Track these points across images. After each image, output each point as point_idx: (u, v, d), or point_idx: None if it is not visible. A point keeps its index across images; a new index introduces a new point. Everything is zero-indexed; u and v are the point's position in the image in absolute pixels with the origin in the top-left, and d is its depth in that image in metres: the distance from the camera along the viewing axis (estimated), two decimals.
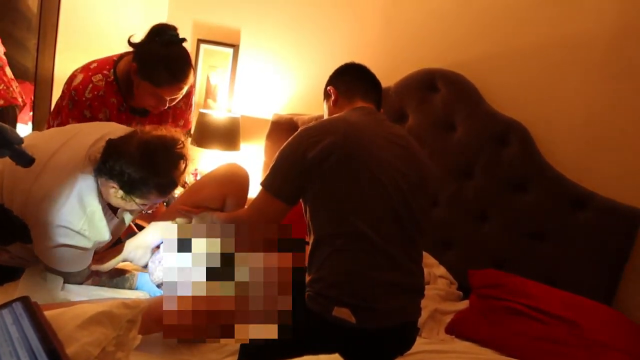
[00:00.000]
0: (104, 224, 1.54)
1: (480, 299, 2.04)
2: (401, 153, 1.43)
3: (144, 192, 1.46)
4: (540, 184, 2.13)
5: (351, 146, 1.34)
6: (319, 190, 1.35)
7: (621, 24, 2.02)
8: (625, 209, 2.00)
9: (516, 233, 2.17)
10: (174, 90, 1.79)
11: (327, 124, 1.41)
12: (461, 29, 2.30)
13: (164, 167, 1.46)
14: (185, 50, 1.83)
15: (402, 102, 2.35)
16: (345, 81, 1.61)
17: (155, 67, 1.74)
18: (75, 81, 1.82)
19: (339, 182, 1.33)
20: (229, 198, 1.71)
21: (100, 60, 1.88)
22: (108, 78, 1.82)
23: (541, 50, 2.16)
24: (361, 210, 1.32)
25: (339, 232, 1.33)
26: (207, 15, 2.89)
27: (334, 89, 1.60)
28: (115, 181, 1.44)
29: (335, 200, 1.34)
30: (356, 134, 1.37)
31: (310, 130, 1.38)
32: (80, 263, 1.55)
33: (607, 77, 2.06)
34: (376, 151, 1.37)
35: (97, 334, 0.85)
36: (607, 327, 1.84)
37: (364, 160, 1.34)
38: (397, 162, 1.40)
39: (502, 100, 2.22)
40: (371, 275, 1.31)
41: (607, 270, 2.04)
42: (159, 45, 1.74)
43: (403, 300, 1.38)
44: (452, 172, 2.27)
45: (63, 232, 1.44)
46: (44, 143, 1.50)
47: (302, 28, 2.66)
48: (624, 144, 2.05)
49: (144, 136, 1.47)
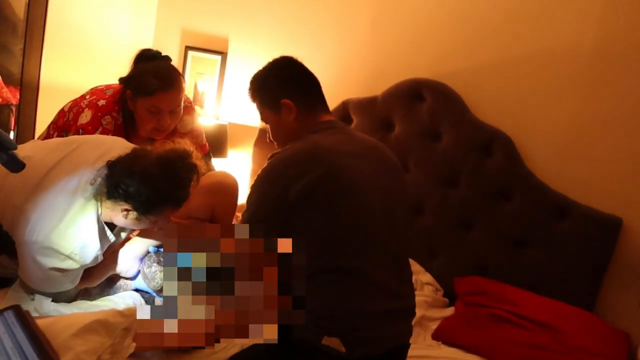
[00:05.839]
0: (98, 247, 1.46)
1: (466, 305, 2.07)
2: (380, 167, 1.37)
3: (162, 208, 1.41)
4: (524, 193, 2.16)
5: (337, 179, 1.25)
6: (303, 225, 1.26)
7: (602, 36, 2.07)
8: (606, 217, 2.05)
9: (500, 241, 2.20)
10: (168, 98, 1.78)
11: (306, 154, 1.28)
12: (447, 40, 2.34)
13: (186, 178, 1.42)
14: (172, 65, 1.85)
15: (389, 111, 2.38)
16: (300, 91, 1.44)
17: (144, 79, 1.75)
18: (82, 118, 1.78)
19: (326, 216, 1.25)
20: (217, 208, 1.69)
21: (108, 96, 1.85)
22: (117, 121, 1.82)
23: (525, 61, 2.20)
24: (349, 241, 1.26)
25: (326, 265, 1.25)
26: (195, 22, 2.90)
27: (291, 102, 1.42)
28: (130, 203, 1.37)
29: (321, 234, 1.25)
30: (339, 162, 1.28)
31: (289, 164, 1.27)
32: (67, 285, 1.47)
33: (589, 88, 2.11)
34: (359, 175, 1.30)
35: (93, 343, 0.85)
36: (588, 333, 1.89)
37: (351, 190, 1.27)
38: (379, 179, 1.34)
39: (487, 110, 2.26)
40: (361, 305, 1.25)
41: (589, 277, 2.08)
42: (144, 63, 1.79)
43: (395, 326, 1.33)
44: (437, 180, 2.29)
45: (52, 254, 1.37)
46: (42, 156, 1.44)
47: (289, 36, 2.68)
48: (606, 154, 2.09)
49: (159, 152, 1.42)
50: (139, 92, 1.77)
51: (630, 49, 2.03)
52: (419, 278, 2.24)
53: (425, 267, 2.30)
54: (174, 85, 1.78)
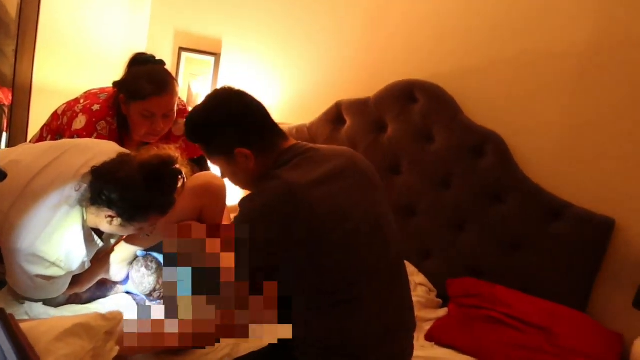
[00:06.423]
0: (84, 254, 1.45)
1: (459, 307, 2.07)
2: (356, 182, 1.30)
3: (146, 214, 1.40)
4: (517, 194, 2.16)
5: (322, 219, 1.17)
6: (295, 266, 1.19)
7: (595, 37, 2.07)
8: (598, 218, 2.05)
9: (493, 242, 2.20)
10: (162, 102, 1.77)
11: (280, 204, 1.17)
12: (440, 42, 2.34)
13: (169, 185, 1.41)
14: (166, 69, 1.85)
15: (382, 113, 2.38)
16: (254, 133, 1.28)
17: (138, 83, 1.76)
18: (77, 124, 1.78)
19: (317, 256, 1.18)
20: (205, 210, 1.68)
21: (102, 101, 1.84)
22: (111, 126, 1.81)
23: (518, 62, 2.20)
24: (344, 269, 1.21)
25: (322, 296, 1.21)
26: (189, 23, 2.90)
27: (246, 150, 1.26)
28: (114, 210, 1.36)
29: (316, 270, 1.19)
30: (318, 199, 1.18)
31: (266, 219, 1.16)
32: (54, 292, 1.47)
33: (582, 89, 2.11)
34: (338, 201, 1.22)
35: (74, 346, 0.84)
36: (581, 334, 1.89)
37: (339, 224, 1.19)
38: (358, 195, 1.28)
39: (479, 111, 2.25)
40: (362, 329, 1.22)
41: (582, 278, 2.08)
42: (138, 67, 1.79)
43: (397, 345, 1.30)
44: (430, 182, 2.29)
45: (37, 261, 1.36)
46: (29, 161, 1.42)
47: (283, 39, 2.68)
48: (598, 155, 2.09)
49: (142, 158, 1.40)
50: (132, 97, 1.77)
51: (622, 50, 2.03)
52: (413, 279, 2.24)
53: (418, 268, 2.29)
54: (167, 89, 1.78)
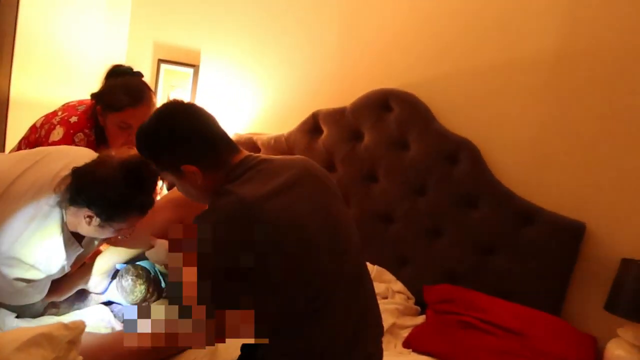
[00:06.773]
0: (63, 257, 1.44)
1: (436, 313, 2.08)
2: (311, 190, 1.27)
3: (125, 214, 1.39)
4: (490, 200, 2.19)
5: (278, 231, 1.13)
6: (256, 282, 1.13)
7: (562, 47, 2.12)
8: (570, 223, 2.08)
9: (468, 247, 2.23)
10: (138, 113, 1.78)
11: (234, 220, 1.12)
12: (413, 51, 2.38)
13: (149, 183, 1.42)
14: (143, 80, 1.86)
15: (358, 122, 2.40)
16: (201, 150, 1.25)
17: (114, 94, 1.77)
18: (54, 136, 1.78)
19: (277, 269, 1.13)
20: (187, 221, 1.67)
21: (80, 112, 1.85)
22: (89, 137, 1.82)
23: (489, 72, 2.25)
24: (306, 281, 1.17)
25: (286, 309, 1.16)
26: (167, 35, 2.91)
27: (193, 167, 1.23)
28: (93, 209, 1.35)
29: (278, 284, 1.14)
30: (273, 211, 1.14)
31: (221, 236, 1.10)
32: (33, 296, 1.45)
33: (552, 97, 2.15)
34: (297, 211, 1.19)
35: (35, 356, 0.84)
36: (556, 338, 1.91)
37: (295, 235, 1.16)
38: (314, 202, 1.25)
39: (453, 119, 2.29)
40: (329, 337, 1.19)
41: (555, 281, 2.10)
42: (115, 78, 1.81)
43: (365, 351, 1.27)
44: (406, 189, 2.32)
45: (15, 264, 1.35)
46: (8, 167, 1.42)
47: (260, 50, 2.71)
48: (568, 161, 2.13)
49: (120, 157, 1.40)
50: (109, 108, 1.78)
51: (591, 56, 2.08)
52: (391, 286, 2.25)
53: (396, 276, 2.31)
54: (143, 100, 1.79)
